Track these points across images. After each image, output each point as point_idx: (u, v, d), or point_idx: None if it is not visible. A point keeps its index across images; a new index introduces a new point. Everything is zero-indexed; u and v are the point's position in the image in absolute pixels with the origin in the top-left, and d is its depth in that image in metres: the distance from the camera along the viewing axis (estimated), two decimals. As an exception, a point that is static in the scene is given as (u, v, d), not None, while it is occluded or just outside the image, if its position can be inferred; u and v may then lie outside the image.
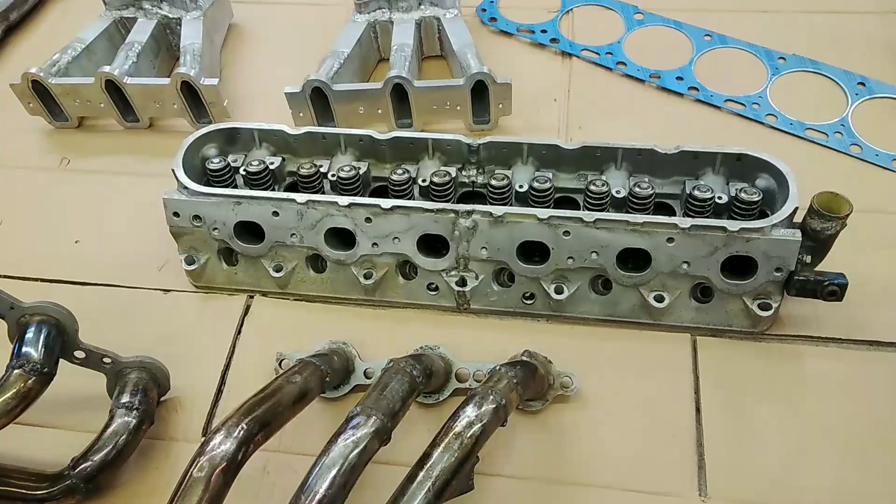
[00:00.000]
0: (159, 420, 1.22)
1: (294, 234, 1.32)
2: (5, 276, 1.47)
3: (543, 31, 1.86)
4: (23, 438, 1.18)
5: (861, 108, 1.62)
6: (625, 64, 1.77)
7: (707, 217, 1.25)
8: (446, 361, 1.24)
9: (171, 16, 1.83)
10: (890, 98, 1.63)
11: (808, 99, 1.66)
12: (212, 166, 1.38)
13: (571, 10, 1.93)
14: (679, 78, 1.72)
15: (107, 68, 1.63)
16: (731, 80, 1.70)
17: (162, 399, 1.25)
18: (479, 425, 0.96)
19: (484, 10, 1.94)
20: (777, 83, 1.69)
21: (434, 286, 1.34)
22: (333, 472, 0.89)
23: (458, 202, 1.35)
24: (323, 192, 1.38)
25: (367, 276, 1.33)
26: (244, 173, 1.38)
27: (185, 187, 1.33)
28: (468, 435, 0.95)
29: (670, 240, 1.20)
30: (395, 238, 1.29)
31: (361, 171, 1.36)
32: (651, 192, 1.26)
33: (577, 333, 1.30)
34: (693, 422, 1.18)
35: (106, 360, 1.18)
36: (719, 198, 1.25)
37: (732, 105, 1.65)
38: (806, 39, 1.77)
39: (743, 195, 1.23)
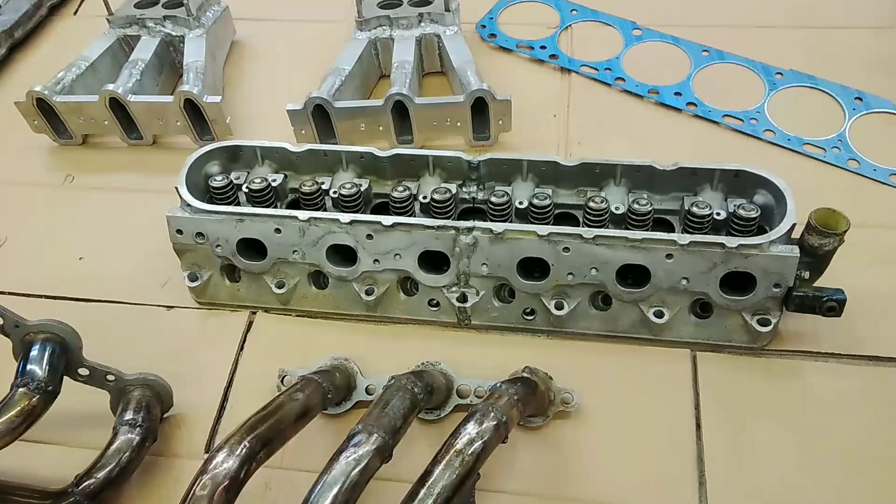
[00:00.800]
0: (162, 437, 1.22)
1: (296, 250, 1.33)
2: (10, 293, 1.48)
3: (543, 48, 1.88)
4: (27, 455, 1.19)
5: (858, 123, 1.63)
6: (623, 79, 1.78)
7: (705, 233, 1.26)
8: (447, 377, 1.24)
9: (174, 34, 1.85)
10: (887, 113, 1.65)
11: (806, 114, 1.67)
12: (215, 184, 1.39)
13: (570, 26, 1.95)
14: (677, 93, 1.73)
15: (111, 86, 1.65)
16: (729, 95, 1.72)
17: (165, 416, 1.26)
18: (480, 442, 0.97)
19: (483, 26, 1.96)
20: (775, 98, 1.71)
21: (435, 302, 1.35)
22: (335, 490, 0.90)
23: (458, 218, 1.36)
24: (325, 209, 1.39)
25: (368, 293, 1.33)
26: (247, 191, 1.39)
27: (189, 205, 1.34)
28: (469, 452, 0.95)
29: (669, 256, 1.20)
30: (397, 255, 1.30)
31: (363, 188, 1.37)
32: (650, 208, 1.27)
33: (578, 349, 1.31)
34: (693, 437, 1.19)
35: (109, 377, 1.19)
36: (717, 214, 1.26)
37: (730, 120, 1.67)
38: (803, 55, 1.79)
39: (741, 211, 1.24)
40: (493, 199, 1.32)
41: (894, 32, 1.81)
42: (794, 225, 1.19)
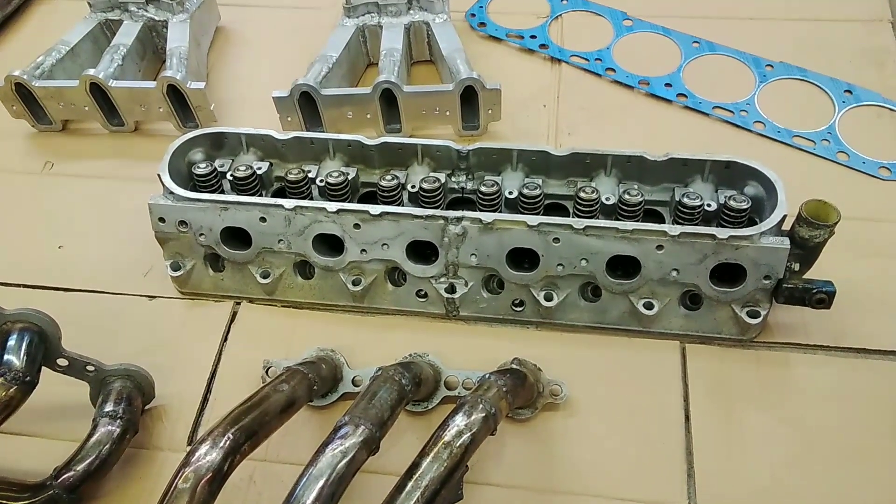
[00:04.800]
0: (144, 429, 1.20)
1: (282, 240, 1.30)
2: (-13, 282, 1.45)
3: (533, 37, 1.86)
4: (4, 448, 1.17)
5: (848, 116, 1.63)
6: (614, 70, 1.77)
7: (696, 224, 1.25)
8: (435, 369, 1.23)
9: (157, 18, 1.81)
10: (876, 106, 1.65)
11: (796, 106, 1.66)
12: (198, 171, 1.36)
13: (560, 15, 1.93)
14: (668, 84, 1.72)
15: (91, 71, 1.61)
16: (720, 87, 1.71)
17: (146, 407, 1.24)
18: (469, 434, 0.96)
19: (473, 15, 1.94)
20: (765, 90, 1.70)
21: (423, 293, 1.33)
22: (321, 483, 0.88)
23: (447, 208, 1.35)
24: (311, 198, 1.37)
25: (355, 283, 1.31)
26: (231, 178, 1.37)
27: (171, 192, 1.31)
28: (457, 444, 0.94)
29: (660, 247, 1.19)
30: (384, 244, 1.28)
31: (350, 177, 1.35)
32: (641, 199, 1.26)
33: (567, 341, 1.30)
34: (682, 429, 1.18)
35: (89, 368, 1.16)
36: (708, 205, 1.25)
37: (720, 112, 1.66)
38: (793, 47, 1.78)
39: (732, 203, 1.23)
40: (483, 188, 1.30)
41: (884, 25, 1.80)
42: (784, 216, 1.18)
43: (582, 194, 1.27)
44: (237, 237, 1.33)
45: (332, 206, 1.27)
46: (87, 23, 1.82)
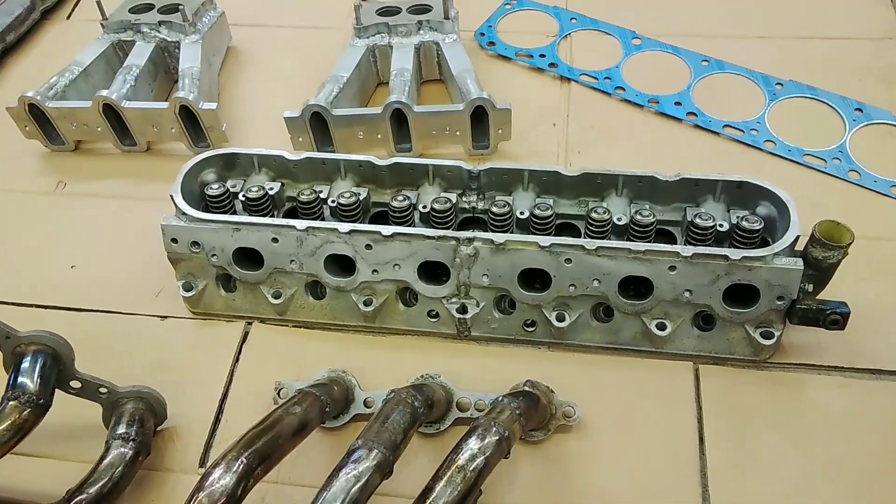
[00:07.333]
0: (156, 451, 1.20)
1: (293, 260, 1.31)
2: (0, 303, 1.45)
3: (542, 56, 1.87)
4: (17, 469, 1.16)
5: (859, 134, 1.63)
6: (623, 89, 1.77)
7: (708, 245, 1.24)
8: (447, 391, 1.22)
9: (169, 39, 1.83)
10: (887, 124, 1.64)
11: (806, 125, 1.66)
12: (211, 192, 1.37)
13: (569, 34, 1.94)
14: (677, 103, 1.72)
15: (104, 92, 1.63)
16: (729, 105, 1.71)
17: (158, 429, 1.23)
18: (483, 458, 0.95)
19: (482, 34, 1.95)
20: (775, 109, 1.70)
21: (434, 313, 1.33)
22: (335, 508, 0.88)
23: (458, 228, 1.35)
24: (322, 219, 1.37)
25: (367, 303, 1.31)
26: (243, 199, 1.37)
27: (184, 213, 1.32)
28: (471, 468, 0.94)
29: (672, 268, 1.19)
30: (396, 265, 1.28)
31: (361, 198, 1.35)
32: (652, 219, 1.25)
33: (579, 361, 1.29)
34: (696, 451, 1.17)
35: (102, 389, 1.16)
36: (720, 225, 1.25)
37: (731, 131, 1.66)
38: (803, 65, 1.79)
39: (744, 223, 1.23)
40: (494, 209, 1.30)
41: (894, 44, 1.81)
42: (797, 237, 1.18)
43: (594, 214, 1.27)
44: (249, 257, 1.33)
45: (344, 226, 1.27)
46: (100, 44, 1.84)
